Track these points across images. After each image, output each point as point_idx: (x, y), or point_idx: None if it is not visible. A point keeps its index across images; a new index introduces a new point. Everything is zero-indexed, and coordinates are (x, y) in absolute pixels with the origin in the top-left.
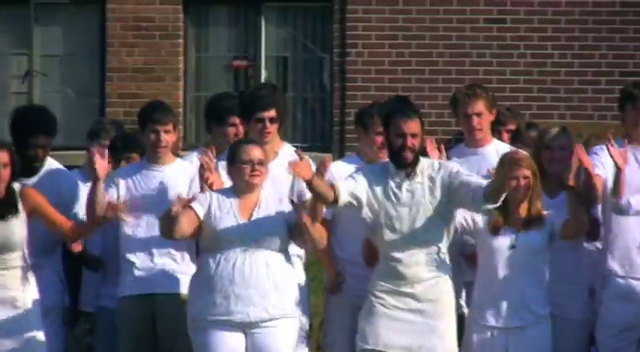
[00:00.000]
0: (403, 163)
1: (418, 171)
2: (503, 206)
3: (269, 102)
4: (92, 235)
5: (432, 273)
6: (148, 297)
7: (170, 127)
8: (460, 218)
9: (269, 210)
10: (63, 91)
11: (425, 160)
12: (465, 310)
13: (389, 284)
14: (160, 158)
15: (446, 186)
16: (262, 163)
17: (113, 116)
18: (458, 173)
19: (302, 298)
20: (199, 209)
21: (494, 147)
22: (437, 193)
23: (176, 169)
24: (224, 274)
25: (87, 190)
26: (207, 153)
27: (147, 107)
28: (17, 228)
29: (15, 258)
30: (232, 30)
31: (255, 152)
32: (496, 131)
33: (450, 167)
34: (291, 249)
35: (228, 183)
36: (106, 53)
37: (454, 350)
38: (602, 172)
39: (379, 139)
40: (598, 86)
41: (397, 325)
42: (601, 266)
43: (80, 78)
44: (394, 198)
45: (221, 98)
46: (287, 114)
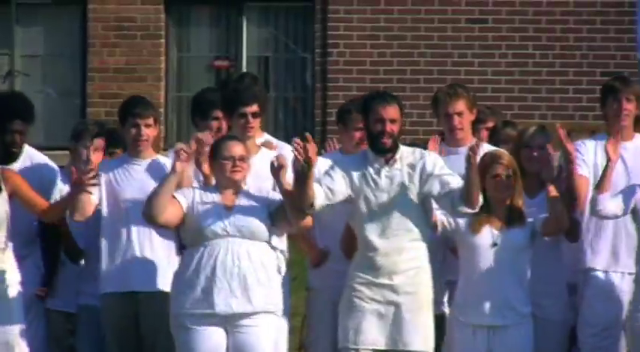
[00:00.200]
0: (382, 149)
1: (397, 157)
2: (483, 204)
3: (251, 96)
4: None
5: (411, 263)
6: (131, 295)
7: (151, 121)
8: (441, 217)
9: (250, 202)
10: (44, 91)
11: (405, 148)
12: (447, 310)
13: (367, 275)
14: (141, 152)
15: (425, 177)
16: (243, 159)
17: (94, 116)
18: (440, 169)
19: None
20: (183, 200)
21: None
22: (416, 180)
23: (157, 163)
24: (207, 266)
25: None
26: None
27: (127, 102)
28: (1, 206)
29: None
30: (214, 30)
31: (236, 148)
32: (475, 129)
33: (433, 159)
34: (274, 242)
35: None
36: (88, 53)
37: (431, 343)
38: (585, 172)
39: (358, 135)
40: (579, 86)
41: (375, 319)
42: (581, 262)
43: (61, 78)
44: (373, 184)
45: (204, 92)
46: (268, 106)
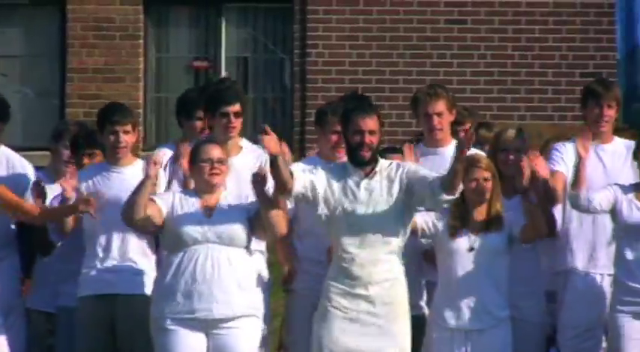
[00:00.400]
0: (361, 161)
1: (377, 170)
2: (461, 208)
3: (233, 96)
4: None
5: (387, 275)
6: (109, 298)
7: (129, 128)
8: (421, 221)
9: (230, 208)
10: (23, 92)
11: (383, 161)
12: (426, 311)
13: (343, 285)
14: (120, 159)
15: (404, 184)
16: (222, 162)
17: (73, 116)
18: (416, 170)
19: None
20: (162, 204)
21: (453, 147)
22: (394, 192)
23: (136, 170)
24: (186, 272)
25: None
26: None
27: (105, 108)
28: None
29: None
30: (193, 31)
31: (214, 151)
32: (454, 130)
33: (408, 166)
34: (253, 245)
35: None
36: (66, 54)
37: (409, 342)
38: (563, 168)
39: (334, 138)
40: (558, 87)
41: (351, 329)
42: (561, 263)
43: (40, 78)
44: (352, 196)
45: (189, 92)
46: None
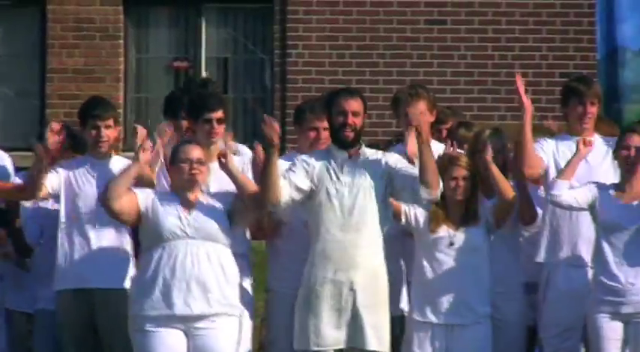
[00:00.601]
0: (344, 141)
1: (361, 153)
2: (441, 205)
3: (217, 103)
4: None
5: (369, 259)
6: (86, 292)
7: (111, 122)
8: (405, 206)
9: (210, 203)
10: (2, 92)
11: (368, 149)
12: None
13: (324, 271)
14: (101, 153)
15: (387, 173)
16: (201, 162)
17: (53, 117)
18: (397, 161)
19: (247, 299)
20: (141, 196)
21: (433, 147)
22: (377, 177)
23: (117, 164)
24: (166, 268)
25: None
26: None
27: (87, 103)
28: None
29: None
30: (172, 31)
31: (193, 151)
32: (436, 130)
33: (394, 157)
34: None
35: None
36: (47, 54)
37: (386, 343)
38: (543, 156)
39: (312, 134)
40: (539, 87)
41: (333, 319)
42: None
43: (20, 79)
44: (335, 177)
45: (175, 92)
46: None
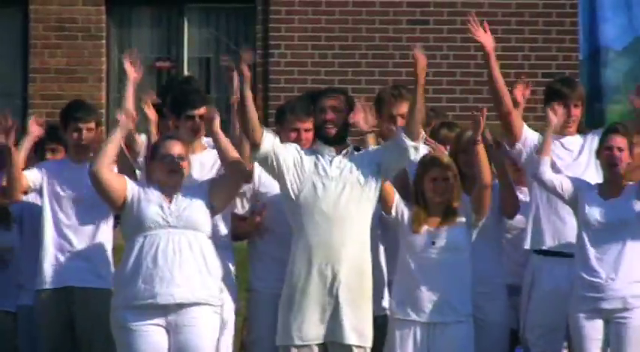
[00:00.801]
0: (326, 136)
1: (349, 150)
2: (422, 205)
3: (200, 100)
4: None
5: (354, 254)
6: (66, 291)
7: (92, 125)
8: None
9: (191, 193)
10: None
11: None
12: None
13: (309, 268)
14: (83, 155)
15: (374, 161)
16: (182, 158)
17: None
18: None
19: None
20: (130, 185)
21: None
22: (366, 173)
23: None
24: (147, 257)
25: None
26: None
27: (69, 106)
28: None
29: None
30: (155, 31)
31: (175, 147)
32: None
33: (375, 148)
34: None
35: None
36: (29, 54)
37: (367, 339)
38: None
39: (293, 135)
40: None
41: (316, 314)
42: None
43: (2, 79)
44: (323, 172)
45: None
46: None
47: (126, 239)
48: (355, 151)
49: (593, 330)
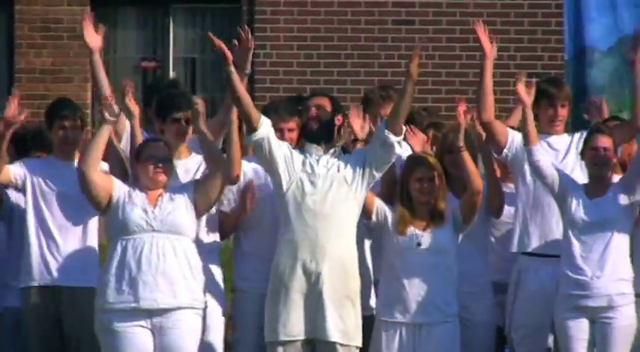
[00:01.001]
0: (310, 133)
1: (336, 150)
2: (408, 206)
3: (186, 102)
4: None
5: (339, 251)
6: (54, 289)
7: (78, 123)
8: (378, 202)
9: (175, 197)
10: None
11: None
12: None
13: (293, 262)
14: (68, 153)
15: (361, 162)
16: (166, 161)
17: None
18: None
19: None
20: (117, 185)
21: (404, 148)
22: (352, 171)
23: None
24: (131, 261)
25: None
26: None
27: (54, 104)
28: None
29: None
30: (140, 31)
31: (159, 150)
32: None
33: (361, 148)
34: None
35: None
36: (14, 54)
37: (352, 338)
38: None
39: (276, 135)
40: (507, 88)
41: (301, 310)
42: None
43: None
44: (309, 170)
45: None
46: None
47: (109, 240)
48: (343, 152)
49: (579, 330)
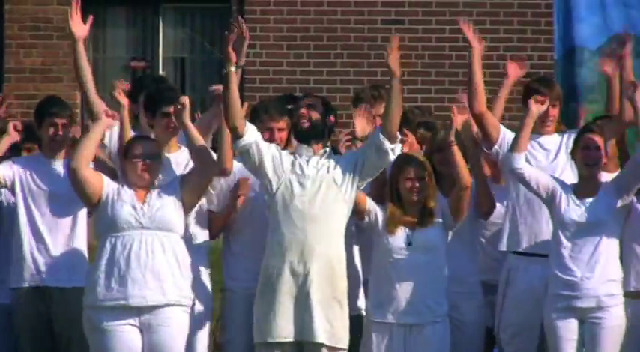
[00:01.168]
0: (300, 131)
1: (327, 150)
2: (398, 205)
3: (175, 96)
4: None
5: (327, 252)
6: (45, 290)
7: (67, 121)
8: (370, 203)
9: (163, 194)
10: None
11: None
12: (364, 311)
13: (281, 263)
14: (58, 151)
15: (352, 164)
16: (154, 158)
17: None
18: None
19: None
20: (106, 183)
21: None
22: (342, 173)
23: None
24: (120, 258)
25: None
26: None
27: (44, 102)
28: None
29: None
30: (130, 31)
31: (147, 147)
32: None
33: (353, 150)
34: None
35: None
36: (4, 54)
37: (338, 339)
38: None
39: (266, 135)
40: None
41: (289, 311)
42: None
43: None
44: (299, 171)
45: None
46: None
47: (98, 237)
48: (334, 153)
49: (567, 330)
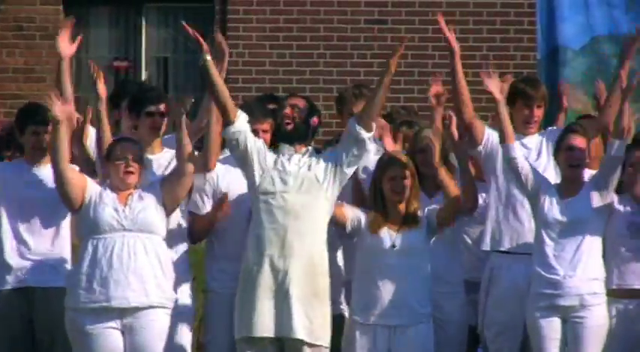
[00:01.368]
0: (284, 132)
1: (309, 149)
2: (381, 205)
3: (159, 96)
4: None
5: (308, 248)
6: (27, 291)
7: (49, 128)
8: (351, 213)
9: (145, 196)
10: None
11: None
12: (345, 310)
13: (261, 259)
14: (41, 159)
15: (333, 161)
16: (136, 160)
17: None
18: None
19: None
20: (90, 185)
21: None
22: (323, 170)
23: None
24: (102, 260)
25: None
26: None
27: (26, 109)
28: None
29: None
30: (113, 31)
31: (129, 149)
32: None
33: (332, 147)
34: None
35: None
36: None
37: (319, 337)
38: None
39: None
40: (480, 87)
41: (269, 307)
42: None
43: None
44: (281, 168)
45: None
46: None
47: (80, 239)
48: (316, 153)
49: (551, 330)
